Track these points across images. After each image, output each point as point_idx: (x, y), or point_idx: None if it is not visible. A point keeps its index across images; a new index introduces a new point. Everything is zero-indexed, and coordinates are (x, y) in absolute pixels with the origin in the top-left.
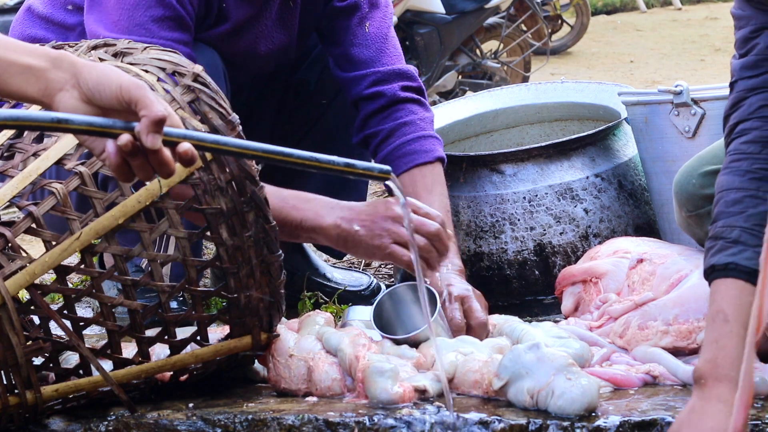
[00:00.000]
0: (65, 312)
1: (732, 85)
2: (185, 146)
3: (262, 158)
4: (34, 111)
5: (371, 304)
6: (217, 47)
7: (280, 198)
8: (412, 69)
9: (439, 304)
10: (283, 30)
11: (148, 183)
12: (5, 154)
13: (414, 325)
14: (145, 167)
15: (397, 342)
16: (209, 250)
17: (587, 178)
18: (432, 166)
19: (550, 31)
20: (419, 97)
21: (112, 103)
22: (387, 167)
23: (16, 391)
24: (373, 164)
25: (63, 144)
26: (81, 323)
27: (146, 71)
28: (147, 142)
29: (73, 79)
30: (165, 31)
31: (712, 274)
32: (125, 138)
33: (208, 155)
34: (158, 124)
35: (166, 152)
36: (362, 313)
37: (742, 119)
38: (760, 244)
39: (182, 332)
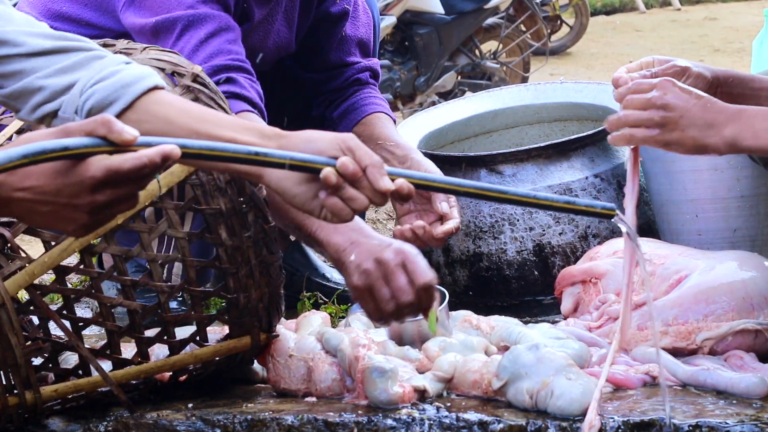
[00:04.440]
0: (64, 312)
1: None
2: (400, 182)
3: (474, 195)
4: (232, 144)
5: None
6: None
7: None
8: (378, 66)
9: (445, 303)
10: (287, 24)
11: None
12: None
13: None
14: (358, 197)
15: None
16: None
17: (586, 178)
18: (392, 121)
19: (549, 31)
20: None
21: (329, 153)
22: (611, 204)
23: (15, 391)
24: (595, 201)
25: None
26: (80, 323)
27: None
28: (381, 186)
29: (281, 148)
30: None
31: None
32: (328, 170)
33: None
34: (382, 167)
35: (383, 184)
36: None
37: None
38: None
39: (181, 332)
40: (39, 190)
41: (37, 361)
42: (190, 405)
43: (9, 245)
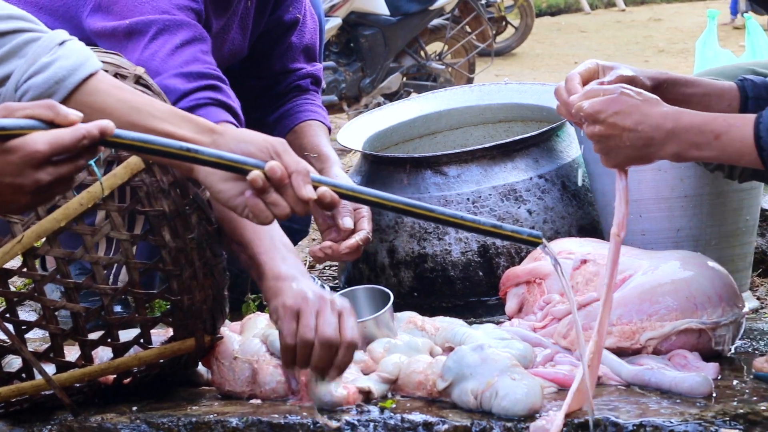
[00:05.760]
0: (7, 315)
1: None
2: (322, 190)
3: (400, 211)
4: (165, 139)
5: None
6: None
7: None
8: (321, 72)
9: (390, 304)
10: (242, 31)
11: (90, 186)
12: None
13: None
14: (281, 204)
15: None
16: None
17: (531, 179)
18: (326, 129)
19: (494, 32)
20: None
21: (258, 156)
22: (537, 232)
23: None
24: (522, 228)
25: None
26: (23, 327)
27: None
28: (303, 194)
29: (213, 144)
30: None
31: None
32: (256, 173)
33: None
34: (307, 175)
35: (305, 192)
36: None
37: None
38: None
39: (125, 335)
40: None
41: None
42: (134, 408)
43: None
